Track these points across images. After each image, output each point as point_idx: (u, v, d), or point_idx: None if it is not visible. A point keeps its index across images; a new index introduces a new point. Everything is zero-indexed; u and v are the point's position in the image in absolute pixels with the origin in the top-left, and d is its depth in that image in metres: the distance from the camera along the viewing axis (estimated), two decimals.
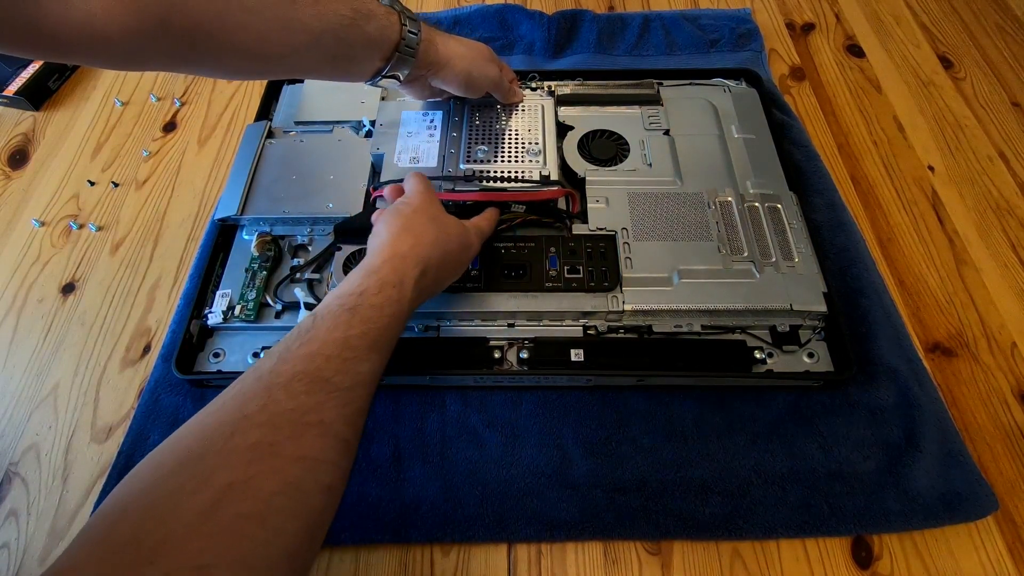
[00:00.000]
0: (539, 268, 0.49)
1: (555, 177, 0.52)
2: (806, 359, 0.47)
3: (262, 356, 0.45)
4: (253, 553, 0.24)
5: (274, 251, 0.52)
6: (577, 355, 0.47)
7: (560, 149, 0.56)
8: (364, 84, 0.47)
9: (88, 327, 0.54)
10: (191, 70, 0.40)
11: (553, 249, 0.49)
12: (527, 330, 0.48)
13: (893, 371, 0.47)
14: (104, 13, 0.31)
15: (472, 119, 0.56)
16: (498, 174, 0.52)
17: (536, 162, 0.53)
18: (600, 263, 0.49)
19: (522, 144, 0.54)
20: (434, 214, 0.41)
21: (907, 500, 0.43)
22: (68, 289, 0.57)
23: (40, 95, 0.71)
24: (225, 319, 0.49)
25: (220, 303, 0.49)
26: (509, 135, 0.55)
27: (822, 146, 0.64)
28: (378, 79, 0.47)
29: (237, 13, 0.36)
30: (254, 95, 0.71)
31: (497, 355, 0.47)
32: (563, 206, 0.53)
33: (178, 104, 0.71)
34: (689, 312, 0.47)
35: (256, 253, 0.52)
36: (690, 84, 0.63)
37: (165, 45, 0.35)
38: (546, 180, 0.52)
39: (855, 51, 0.74)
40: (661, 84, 0.62)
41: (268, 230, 0.53)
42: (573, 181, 0.55)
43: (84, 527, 0.25)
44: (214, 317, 0.49)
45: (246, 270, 0.51)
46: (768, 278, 0.48)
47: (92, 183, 0.64)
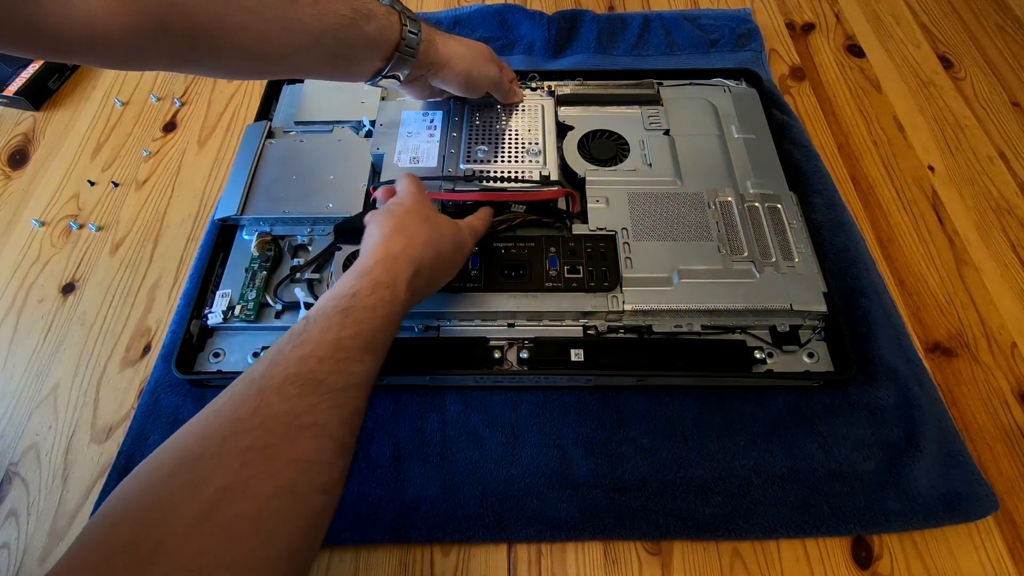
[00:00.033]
0: (539, 268, 0.49)
1: (555, 177, 0.52)
2: (806, 359, 0.47)
3: (255, 360, 0.45)
4: (251, 555, 0.24)
5: (274, 251, 0.52)
6: (577, 355, 0.47)
7: (560, 149, 0.56)
8: (364, 84, 0.47)
9: (88, 327, 0.54)
10: (191, 70, 0.40)
11: (553, 249, 0.49)
12: (527, 330, 0.48)
13: (893, 371, 0.47)
14: (104, 13, 0.31)
15: (472, 119, 0.56)
16: (498, 174, 0.52)
17: (536, 162, 0.53)
18: (600, 263, 0.49)
19: (522, 144, 0.54)
20: (426, 214, 0.41)
21: (907, 500, 0.43)
22: (68, 289, 0.57)
23: (40, 95, 0.71)
24: (225, 319, 0.49)
25: (220, 303, 0.49)
26: (509, 135, 0.55)
27: (822, 146, 0.64)
28: (378, 79, 0.47)
29: (237, 13, 0.36)
30: (254, 95, 0.71)
31: (497, 355, 0.47)
32: (563, 206, 0.53)
33: (178, 104, 0.71)
34: (689, 312, 0.47)
35: (256, 253, 0.52)
36: (690, 84, 0.63)
37: (165, 45, 0.35)
38: (546, 180, 0.52)
39: (855, 51, 0.74)
40: (661, 84, 0.62)
41: (268, 230, 0.53)
42: (573, 181, 0.55)
43: (83, 530, 0.25)
44: (214, 317, 0.49)
45: (246, 270, 0.51)
46: (768, 278, 0.48)
47: (92, 183, 0.64)
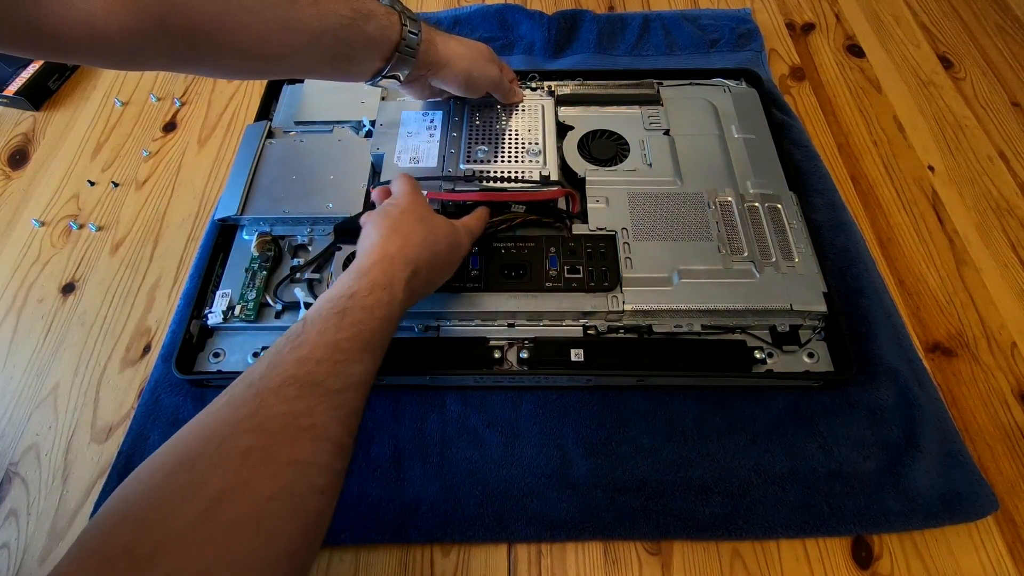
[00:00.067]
0: (539, 268, 0.49)
1: (555, 177, 0.52)
2: (806, 359, 0.47)
3: (253, 362, 0.45)
4: (251, 555, 0.25)
5: (274, 251, 0.52)
6: (577, 355, 0.47)
7: (560, 149, 0.56)
8: (364, 84, 0.47)
9: (88, 327, 0.54)
10: (191, 70, 0.40)
11: (553, 249, 0.49)
12: (527, 330, 0.48)
13: (893, 371, 0.47)
14: (104, 13, 0.31)
15: (472, 119, 0.56)
16: (498, 174, 0.52)
17: (536, 162, 0.53)
18: (600, 263, 0.49)
19: (522, 144, 0.54)
20: (422, 215, 0.41)
21: (907, 500, 0.43)
22: (68, 289, 0.57)
23: (40, 95, 0.71)
24: (225, 319, 0.49)
25: (220, 303, 0.49)
26: (509, 135, 0.55)
27: (822, 146, 0.64)
28: (378, 79, 0.47)
29: (237, 13, 0.36)
30: (254, 95, 0.71)
31: (497, 355, 0.47)
32: (563, 206, 0.53)
33: (178, 104, 0.71)
34: (689, 312, 0.47)
35: (256, 253, 0.52)
36: (690, 84, 0.63)
37: (165, 45, 0.35)
38: (546, 180, 0.52)
39: (855, 51, 0.74)
40: (661, 84, 0.62)
41: (268, 230, 0.53)
42: (573, 181, 0.55)
43: (83, 531, 0.25)
44: (214, 317, 0.49)
45: (246, 270, 0.51)
46: (768, 278, 0.48)
47: (92, 183, 0.64)
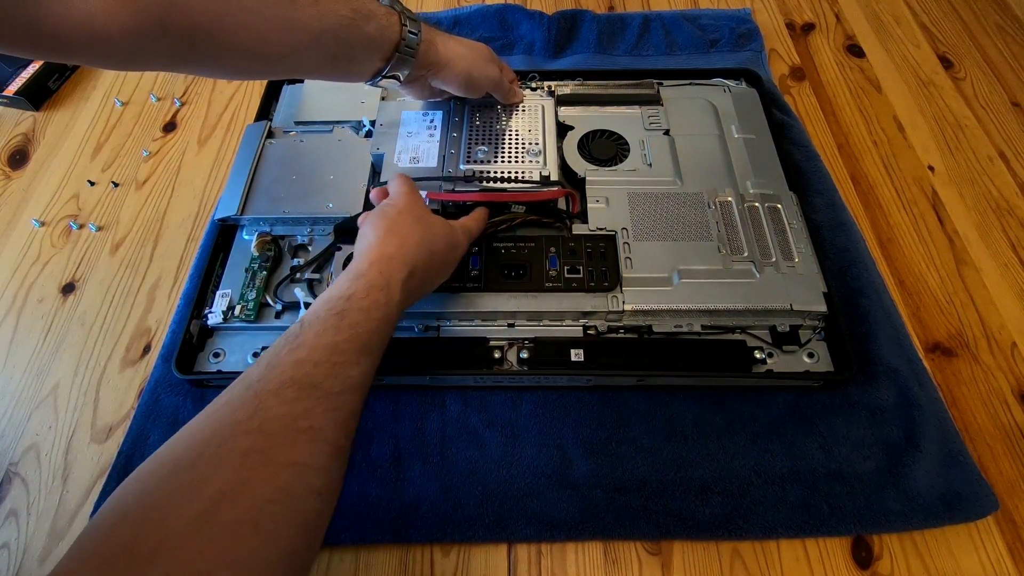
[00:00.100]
0: (539, 268, 0.49)
1: (555, 177, 0.52)
2: (806, 359, 0.47)
3: (251, 364, 0.45)
4: (250, 556, 0.25)
5: (274, 251, 0.52)
6: (577, 355, 0.47)
7: (560, 149, 0.56)
8: (364, 84, 0.47)
9: (88, 327, 0.54)
10: (191, 70, 0.40)
11: (553, 249, 0.49)
12: (527, 330, 0.48)
13: (893, 371, 0.47)
14: (104, 13, 0.31)
15: (472, 119, 0.56)
16: (498, 174, 0.52)
17: (536, 162, 0.53)
18: (600, 263, 0.48)
19: (522, 144, 0.54)
20: (419, 215, 0.41)
21: (907, 500, 0.43)
22: (68, 289, 0.57)
23: (40, 95, 0.71)
24: (225, 319, 0.49)
25: (220, 303, 0.49)
26: (509, 135, 0.55)
27: (822, 146, 0.64)
28: (378, 79, 0.47)
29: (237, 13, 0.36)
30: (254, 95, 0.71)
31: (497, 355, 0.47)
32: (563, 206, 0.53)
33: (178, 104, 0.71)
34: (689, 312, 0.47)
35: (256, 253, 0.52)
36: (690, 84, 0.63)
37: (165, 45, 0.35)
38: (546, 180, 0.52)
39: (855, 51, 0.74)
40: (661, 84, 0.62)
41: (268, 230, 0.53)
42: (573, 181, 0.55)
43: (83, 531, 0.25)
44: (214, 317, 0.49)
45: (246, 270, 0.51)
46: (768, 278, 0.48)
47: (92, 183, 0.64)
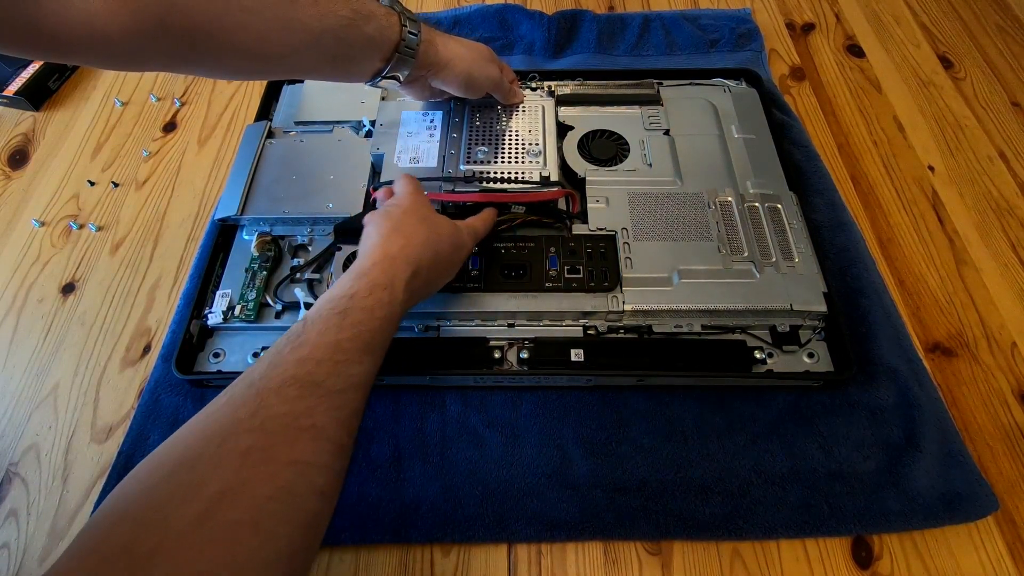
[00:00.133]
0: (539, 268, 0.49)
1: (555, 178, 0.52)
2: (806, 359, 0.47)
3: (253, 362, 0.45)
4: (250, 556, 0.24)
5: (274, 251, 0.52)
6: (577, 355, 0.47)
7: (560, 149, 0.56)
8: (364, 85, 0.47)
9: (88, 327, 0.54)
10: (191, 70, 0.40)
11: (553, 249, 0.49)
12: (527, 330, 0.48)
13: (893, 371, 0.47)
14: (104, 13, 0.31)
15: (472, 120, 0.56)
16: (498, 175, 0.52)
17: (536, 163, 0.53)
18: (600, 263, 0.49)
19: (522, 145, 0.54)
20: (424, 215, 0.41)
21: (907, 500, 0.43)
22: (68, 289, 0.57)
23: (40, 95, 0.71)
24: (225, 319, 0.49)
25: (220, 303, 0.49)
26: (509, 136, 0.55)
27: (822, 146, 0.64)
28: (378, 80, 0.47)
29: (237, 13, 0.36)
30: (254, 95, 0.71)
31: (497, 355, 0.47)
32: (563, 206, 0.53)
33: (178, 104, 0.71)
34: (689, 312, 0.47)
35: (256, 253, 0.52)
36: (690, 84, 0.63)
37: (165, 45, 0.35)
38: (546, 181, 0.52)
39: (855, 51, 0.74)
40: (661, 84, 0.62)
41: (268, 230, 0.53)
42: (573, 181, 0.55)
43: (80, 531, 0.25)
44: (214, 317, 0.49)
45: (246, 270, 0.51)
46: (768, 278, 0.48)
47: (92, 183, 0.64)
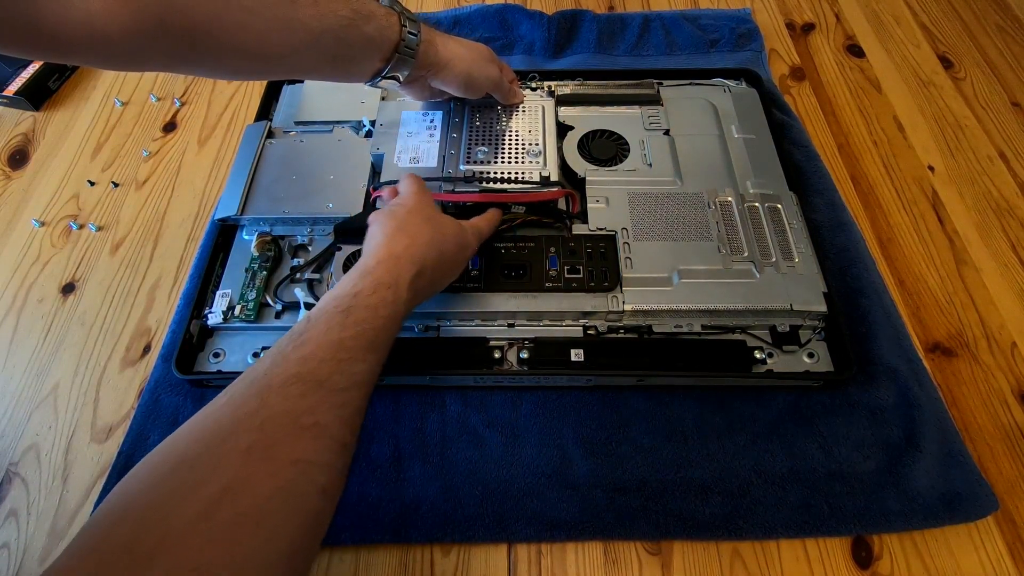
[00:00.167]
0: (539, 268, 0.49)
1: (555, 178, 0.52)
2: (806, 359, 0.47)
3: (256, 360, 0.45)
4: (250, 555, 0.24)
5: (274, 251, 0.52)
6: (577, 355, 0.47)
7: (560, 149, 0.56)
8: (364, 85, 0.47)
9: (88, 327, 0.54)
10: (191, 70, 0.40)
11: (553, 249, 0.49)
12: (527, 330, 0.48)
13: (893, 371, 0.47)
14: (104, 13, 0.31)
15: (472, 120, 0.56)
16: (498, 175, 0.52)
17: (536, 163, 0.53)
18: (600, 263, 0.49)
19: (522, 145, 0.54)
20: (429, 214, 0.41)
21: (907, 500, 0.43)
22: (68, 289, 0.57)
23: (40, 95, 0.71)
24: (225, 319, 0.49)
25: (220, 303, 0.49)
26: (509, 136, 0.55)
27: (822, 146, 0.64)
28: (378, 80, 0.47)
29: (236, 13, 0.36)
30: (254, 95, 0.71)
31: (497, 355, 0.47)
32: (563, 206, 0.53)
33: (178, 104, 0.71)
34: (689, 312, 0.47)
35: (256, 253, 0.52)
36: (690, 84, 0.63)
37: (165, 45, 0.35)
38: (546, 181, 0.52)
39: (855, 51, 0.74)
40: (661, 84, 0.62)
41: (268, 230, 0.53)
42: (573, 181, 0.55)
43: (81, 530, 0.25)
44: (214, 317, 0.49)
45: (246, 270, 0.51)
46: (768, 278, 0.48)
47: (92, 183, 0.64)
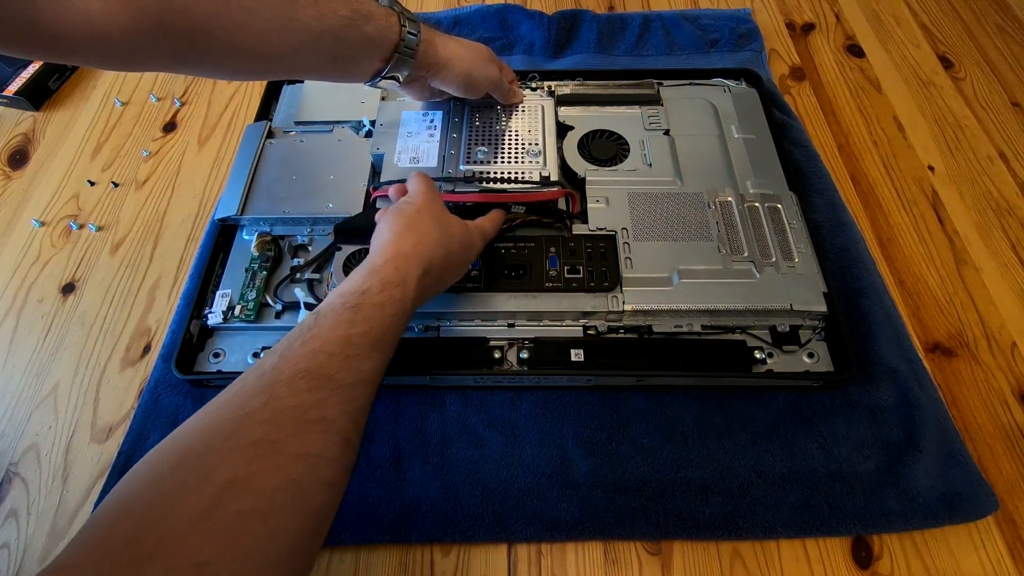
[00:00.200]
0: (539, 268, 0.49)
1: (555, 178, 0.52)
2: (806, 359, 0.47)
3: (263, 355, 0.45)
4: (254, 550, 0.24)
5: (274, 251, 0.52)
6: (577, 355, 0.47)
7: (560, 149, 0.56)
8: (364, 85, 0.47)
9: (88, 327, 0.54)
10: (191, 70, 0.40)
11: (553, 249, 0.49)
12: (527, 330, 0.48)
13: (893, 371, 0.47)
14: (104, 13, 0.31)
15: (472, 120, 0.56)
16: (498, 175, 0.52)
17: (536, 163, 0.53)
18: (600, 263, 0.48)
19: (522, 145, 0.54)
20: (437, 214, 0.42)
21: (907, 500, 0.43)
22: (68, 289, 0.57)
23: (40, 95, 0.71)
24: (225, 319, 0.49)
25: (220, 303, 0.49)
26: (509, 136, 0.55)
27: (822, 146, 0.64)
28: (378, 80, 0.47)
29: (236, 13, 0.36)
30: (254, 95, 0.71)
31: (497, 355, 0.47)
32: (563, 206, 0.53)
33: (178, 104, 0.71)
34: (689, 312, 0.47)
35: (256, 253, 0.52)
36: (690, 84, 0.63)
37: (165, 45, 0.35)
38: (546, 181, 0.52)
39: (855, 51, 0.74)
40: (661, 84, 0.62)
41: (268, 230, 0.53)
42: (573, 181, 0.55)
43: (84, 525, 0.25)
44: (214, 317, 0.49)
45: (246, 270, 0.51)
46: (768, 278, 0.48)
47: (92, 183, 0.64)
